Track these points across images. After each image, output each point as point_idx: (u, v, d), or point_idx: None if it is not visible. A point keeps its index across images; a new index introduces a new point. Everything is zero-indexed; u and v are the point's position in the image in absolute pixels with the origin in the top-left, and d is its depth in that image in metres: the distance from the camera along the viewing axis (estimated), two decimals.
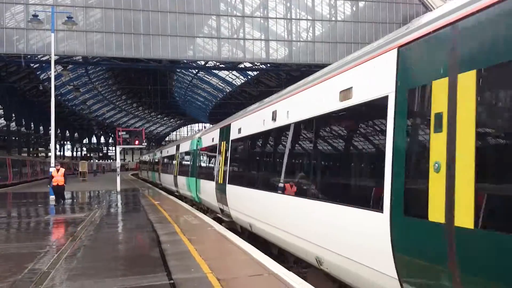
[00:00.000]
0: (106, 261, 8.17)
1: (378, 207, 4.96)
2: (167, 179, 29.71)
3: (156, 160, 39.38)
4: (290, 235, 7.73)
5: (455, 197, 3.87)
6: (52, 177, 20.71)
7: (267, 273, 6.92)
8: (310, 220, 6.88)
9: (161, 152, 36.39)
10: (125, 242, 10.60)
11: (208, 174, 16.04)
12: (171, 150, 29.88)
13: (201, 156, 18.58)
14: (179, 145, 26.07)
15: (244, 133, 11.42)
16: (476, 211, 3.64)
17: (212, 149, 15.89)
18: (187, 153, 22.63)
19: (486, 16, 3.77)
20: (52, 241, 10.57)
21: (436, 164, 4.11)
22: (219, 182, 13.53)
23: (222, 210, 13.76)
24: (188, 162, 21.65)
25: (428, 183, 4.21)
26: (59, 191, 20.53)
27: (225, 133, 13.92)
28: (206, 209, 17.88)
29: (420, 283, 4.38)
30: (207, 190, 15.76)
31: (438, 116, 4.12)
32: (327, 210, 6.29)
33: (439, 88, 4.17)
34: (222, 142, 14.03)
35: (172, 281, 6.59)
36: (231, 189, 12.17)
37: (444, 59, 4.18)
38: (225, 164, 13.10)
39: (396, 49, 4.96)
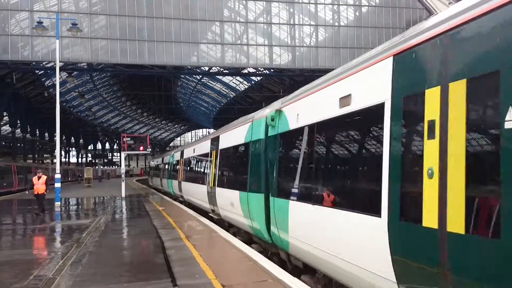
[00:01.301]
0: (111, 267, 8.20)
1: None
2: (194, 192, 20.52)
3: (174, 163, 30.63)
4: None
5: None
6: (33, 184, 19.29)
7: (272, 279, 6.93)
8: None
9: (181, 154, 27.45)
10: (130, 248, 10.64)
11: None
12: (201, 148, 20.74)
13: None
14: (217, 137, 16.32)
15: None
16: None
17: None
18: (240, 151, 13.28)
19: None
20: (57, 248, 10.61)
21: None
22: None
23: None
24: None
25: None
26: (38, 200, 18.95)
27: None
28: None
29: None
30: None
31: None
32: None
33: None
34: None
35: (176, 287, 6.61)
36: None
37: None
38: None
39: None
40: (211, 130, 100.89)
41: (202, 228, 13.33)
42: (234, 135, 12.89)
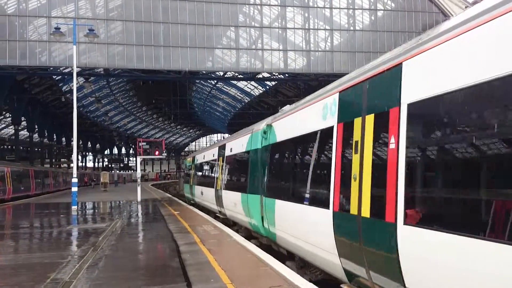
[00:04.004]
0: (127, 271, 8.23)
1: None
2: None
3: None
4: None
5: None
6: None
7: (287, 285, 6.89)
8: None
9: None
10: (146, 252, 10.67)
11: None
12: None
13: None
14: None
15: None
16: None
17: None
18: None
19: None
20: (74, 251, 10.69)
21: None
22: None
23: None
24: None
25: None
26: None
27: None
28: None
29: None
30: None
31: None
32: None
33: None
34: None
35: None
36: None
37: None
38: None
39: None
40: (226, 135, 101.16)
41: (217, 232, 13.33)
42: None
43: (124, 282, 7.34)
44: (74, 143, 25.88)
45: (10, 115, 56.78)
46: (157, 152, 30.05)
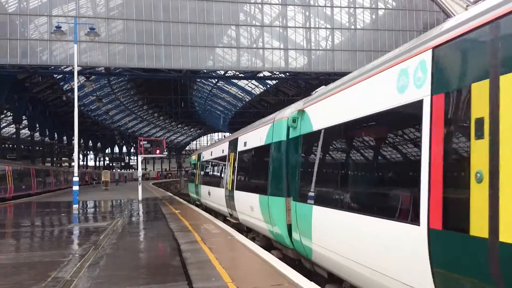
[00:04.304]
0: (128, 270, 8.24)
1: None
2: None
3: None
4: None
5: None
6: None
7: (288, 283, 6.89)
8: None
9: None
10: (147, 250, 10.68)
11: None
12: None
13: None
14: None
15: None
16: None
17: None
18: None
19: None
20: (75, 250, 10.70)
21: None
22: None
23: None
24: None
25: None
26: None
27: None
28: None
29: None
30: None
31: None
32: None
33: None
34: None
35: None
36: None
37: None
38: None
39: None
40: (227, 134, 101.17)
41: (218, 231, 13.33)
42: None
43: (125, 280, 7.35)
44: (75, 141, 25.91)
45: (11, 114, 56.83)
46: (158, 151, 30.08)
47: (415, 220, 4.66)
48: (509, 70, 3.58)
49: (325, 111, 7.65)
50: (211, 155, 20.93)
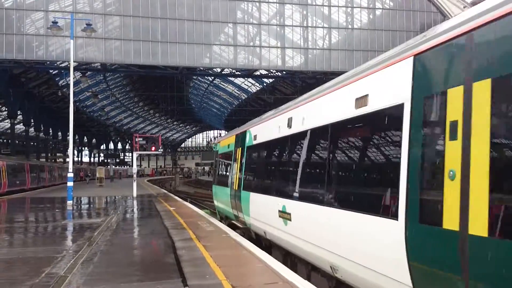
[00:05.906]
0: (122, 266, 8.22)
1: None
2: None
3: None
4: None
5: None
6: None
7: (282, 282, 6.89)
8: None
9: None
10: (141, 247, 10.67)
11: None
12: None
13: None
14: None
15: None
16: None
17: None
18: None
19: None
20: (69, 246, 10.67)
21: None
22: None
23: None
24: None
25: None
26: None
27: None
28: None
29: None
30: None
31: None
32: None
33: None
34: None
35: (187, 287, 6.61)
36: None
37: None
38: None
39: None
40: (223, 132, 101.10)
41: (212, 229, 13.33)
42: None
43: (119, 277, 7.33)
44: (70, 137, 25.84)
45: (6, 109, 56.53)
46: (153, 148, 29.99)
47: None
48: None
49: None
50: (272, 133, 10.67)
